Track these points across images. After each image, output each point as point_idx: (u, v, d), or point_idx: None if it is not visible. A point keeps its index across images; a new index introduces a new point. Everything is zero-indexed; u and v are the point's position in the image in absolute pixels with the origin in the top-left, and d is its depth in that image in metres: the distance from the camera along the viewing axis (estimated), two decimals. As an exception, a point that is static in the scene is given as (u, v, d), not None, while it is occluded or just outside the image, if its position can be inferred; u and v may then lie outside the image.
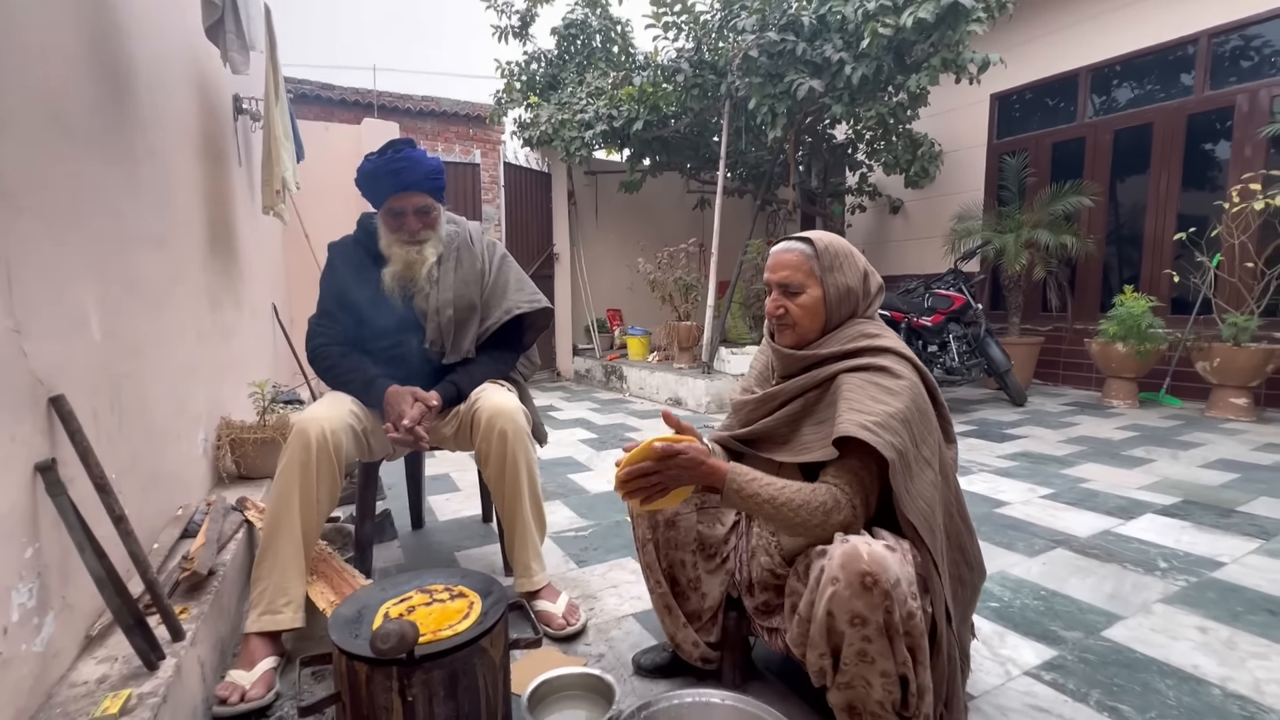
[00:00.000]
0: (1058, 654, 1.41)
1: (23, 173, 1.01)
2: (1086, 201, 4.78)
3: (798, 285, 1.14)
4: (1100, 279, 5.25)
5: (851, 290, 1.14)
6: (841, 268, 1.14)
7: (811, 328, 1.15)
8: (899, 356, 1.08)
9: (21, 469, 0.96)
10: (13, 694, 0.91)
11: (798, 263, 1.14)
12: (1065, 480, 2.74)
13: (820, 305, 1.14)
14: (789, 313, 1.15)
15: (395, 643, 0.82)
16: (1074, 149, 5.35)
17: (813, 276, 1.14)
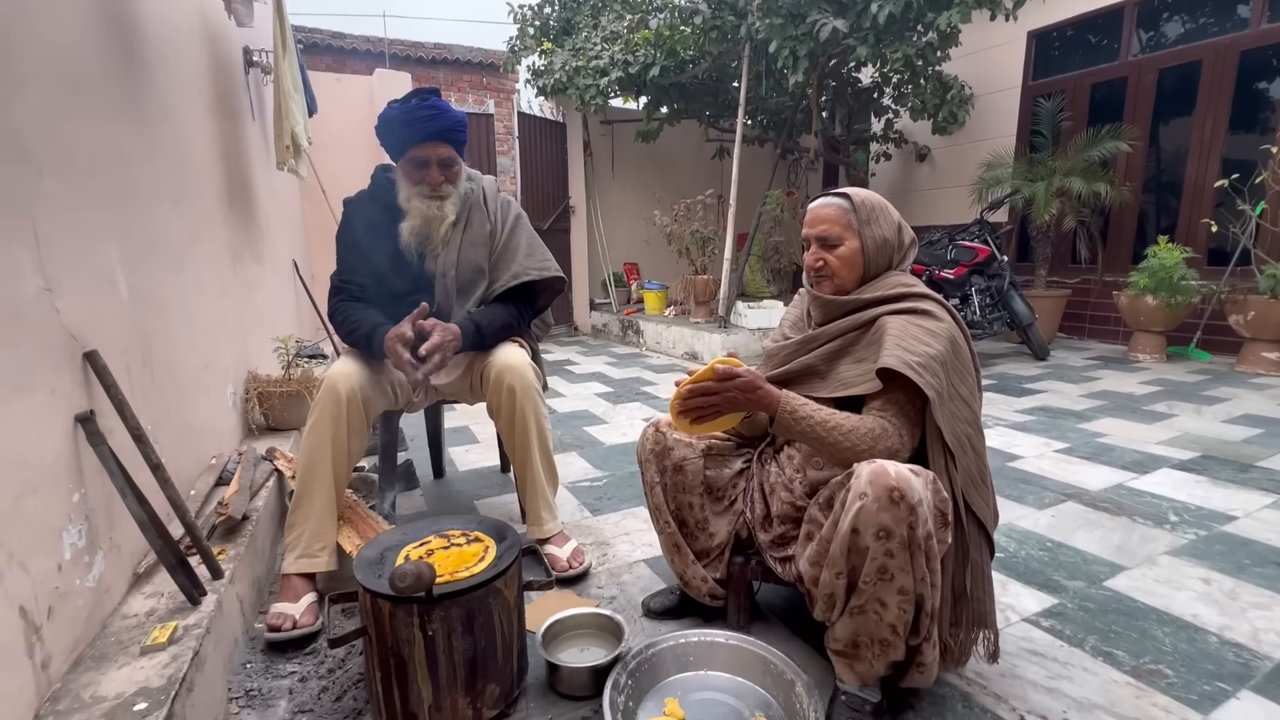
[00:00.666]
0: (1058, 602, 1.45)
1: (41, 133, 1.03)
2: (1124, 146, 4.56)
3: (835, 238, 1.17)
4: (1134, 229, 5.06)
5: (888, 241, 1.18)
6: (878, 220, 1.18)
7: (849, 278, 1.19)
8: (938, 303, 1.14)
9: (63, 420, 1.02)
10: (71, 623, 0.99)
11: (835, 216, 1.18)
12: (1082, 435, 2.72)
13: (858, 257, 1.17)
14: (827, 264, 1.19)
15: (412, 581, 0.88)
16: (1114, 90, 5.07)
17: (850, 229, 1.17)
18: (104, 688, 0.94)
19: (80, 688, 0.94)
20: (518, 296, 1.75)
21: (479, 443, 2.82)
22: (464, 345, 1.57)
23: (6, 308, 0.90)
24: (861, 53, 4.15)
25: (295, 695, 1.18)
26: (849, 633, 1.03)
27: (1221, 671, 1.20)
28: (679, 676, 1.17)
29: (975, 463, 1.10)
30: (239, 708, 1.15)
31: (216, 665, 1.13)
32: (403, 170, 1.64)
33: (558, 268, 1.80)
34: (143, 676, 0.97)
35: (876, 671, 1.04)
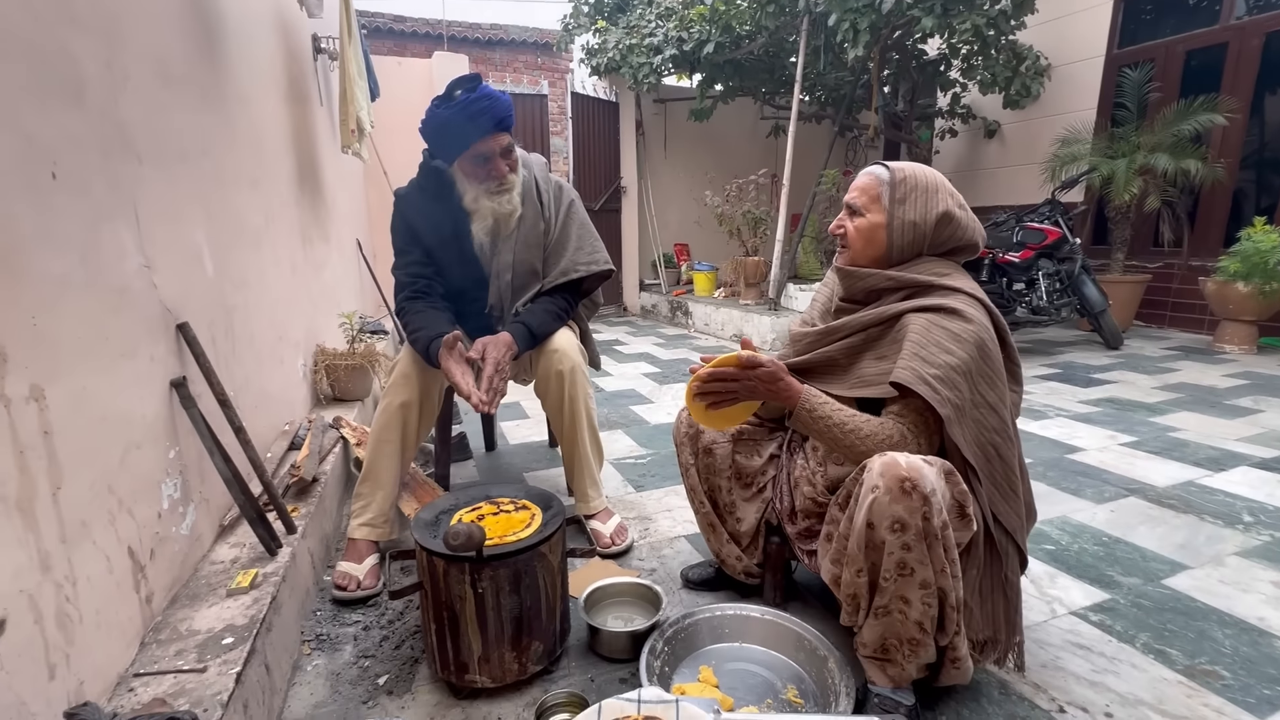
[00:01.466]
0: (1110, 597, 1.41)
1: (140, 124, 1.13)
2: (1220, 120, 4.20)
3: (861, 207, 1.13)
4: (1228, 210, 4.67)
5: (916, 226, 1.10)
6: (913, 202, 1.10)
7: (864, 253, 1.14)
8: (970, 297, 1.06)
9: (160, 384, 1.13)
10: (168, 565, 1.12)
11: (869, 186, 1.13)
12: (1152, 428, 2.58)
13: (880, 233, 1.12)
14: (847, 233, 1.15)
15: (464, 540, 0.95)
16: (1212, 58, 4.65)
17: (878, 202, 1.12)
18: (197, 623, 1.06)
19: (177, 621, 1.06)
20: (567, 286, 1.73)
21: (529, 418, 2.91)
22: (519, 351, 1.55)
23: (115, 282, 1.00)
24: (927, 24, 3.96)
25: (359, 642, 1.28)
26: (877, 636, 1.00)
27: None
28: (714, 647, 1.21)
29: (1003, 471, 1.05)
30: (310, 649, 1.26)
31: (291, 610, 1.25)
32: (464, 170, 1.57)
33: (606, 259, 1.77)
34: (229, 615, 1.08)
35: (909, 674, 1.01)
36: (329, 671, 1.20)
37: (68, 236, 0.89)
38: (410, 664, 1.21)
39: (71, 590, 0.83)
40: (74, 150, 0.92)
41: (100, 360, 0.95)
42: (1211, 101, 4.26)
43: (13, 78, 0.80)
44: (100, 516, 0.91)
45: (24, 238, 0.79)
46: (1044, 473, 2.14)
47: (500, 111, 1.52)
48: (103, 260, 0.97)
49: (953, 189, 1.14)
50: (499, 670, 1.10)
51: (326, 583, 1.48)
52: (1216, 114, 4.19)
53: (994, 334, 1.05)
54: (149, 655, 0.98)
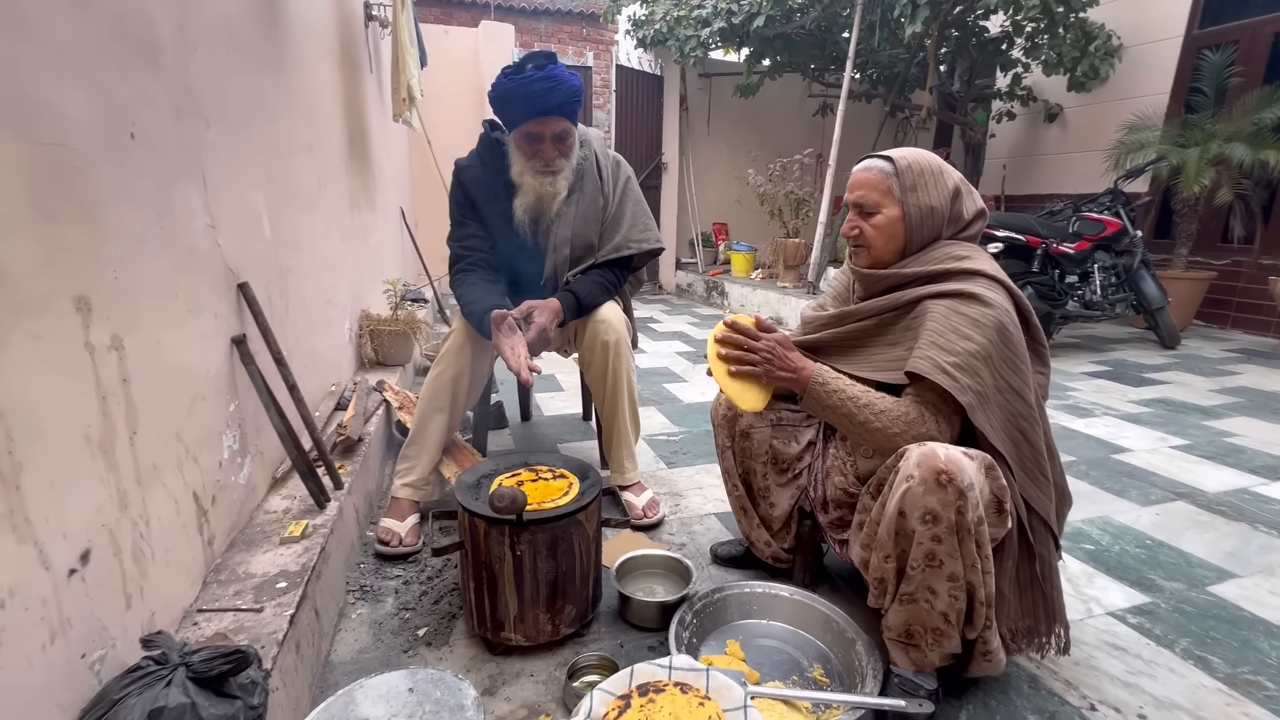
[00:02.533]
0: (1150, 600, 1.38)
1: (207, 88, 1.17)
2: (1306, 108, 3.92)
3: (873, 205, 1.10)
4: (1307, 205, 4.39)
5: (935, 210, 1.08)
6: (926, 186, 1.07)
7: (887, 249, 1.11)
8: (989, 280, 1.03)
9: (223, 340, 1.19)
10: (228, 511, 1.18)
11: (875, 181, 1.09)
12: (1206, 432, 2.48)
13: (898, 226, 1.09)
14: (863, 234, 1.11)
15: (508, 504, 0.98)
16: (1304, 40, 4.33)
17: (890, 196, 1.08)
18: (253, 567, 1.12)
19: (235, 564, 1.13)
20: (617, 261, 1.74)
21: (563, 391, 2.96)
22: (565, 318, 1.59)
23: (184, 241, 1.05)
24: (991, 1, 3.77)
25: (400, 595, 1.35)
26: (901, 621, 1.00)
27: (1334, 693, 1.11)
28: (742, 622, 1.23)
29: (1031, 456, 1.03)
30: (355, 599, 1.33)
31: (338, 560, 1.31)
32: (516, 143, 1.60)
33: (658, 237, 1.79)
34: (283, 561, 1.14)
35: (932, 661, 1.00)
36: (372, 620, 1.26)
37: (145, 195, 0.93)
38: (448, 619, 1.27)
39: (145, 528, 0.88)
40: (150, 111, 0.96)
41: (171, 315, 1.00)
42: (1299, 88, 3.98)
43: (96, 36, 0.83)
44: (170, 462, 0.97)
45: (107, 194, 0.83)
46: (1087, 472, 2.08)
47: (560, 97, 1.52)
48: (175, 219, 1.02)
49: (950, 165, 1.13)
50: (533, 630, 1.14)
51: (369, 538, 1.55)
52: (1303, 102, 3.92)
53: (1015, 316, 1.02)
54: (210, 594, 1.04)
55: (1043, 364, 1.09)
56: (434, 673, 0.87)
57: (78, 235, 0.77)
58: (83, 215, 0.78)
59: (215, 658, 0.72)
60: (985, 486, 0.93)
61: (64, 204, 0.75)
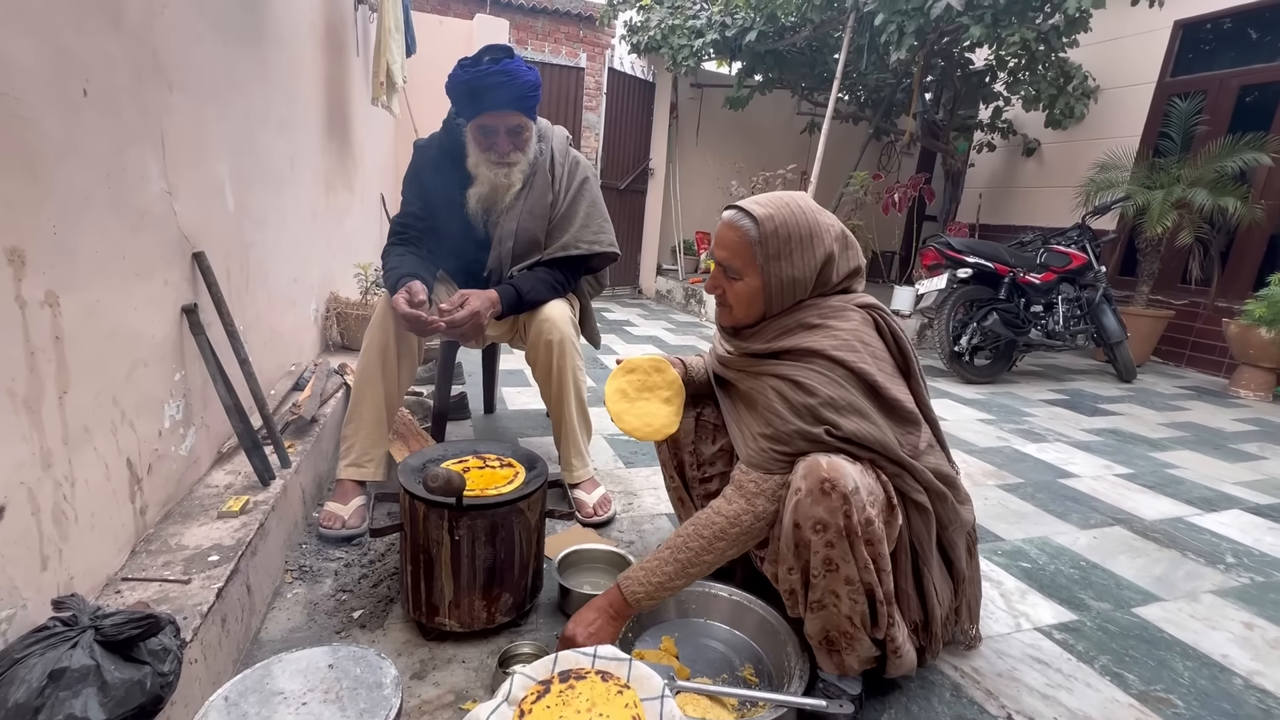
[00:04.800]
0: (1077, 618, 1.42)
1: (174, 52, 1.16)
2: (1265, 159, 4.09)
3: (735, 270, 1.08)
4: (1263, 253, 4.57)
5: (797, 281, 1.05)
6: (789, 255, 1.03)
7: (748, 314, 1.11)
8: (826, 360, 1.01)
9: (171, 308, 1.17)
10: (164, 482, 1.16)
11: (738, 245, 1.06)
12: (1150, 463, 2.57)
13: (758, 295, 1.07)
14: (725, 295, 1.11)
15: (442, 484, 0.98)
16: (1267, 94, 4.52)
17: (752, 264, 1.05)
18: (186, 539, 1.11)
19: (168, 536, 1.11)
20: (566, 260, 1.73)
21: (530, 386, 2.95)
22: (504, 311, 1.58)
23: (136, 204, 1.04)
24: (975, 32, 3.88)
25: (339, 577, 1.33)
26: (819, 628, 1.02)
27: (1238, 713, 1.16)
28: (678, 620, 1.24)
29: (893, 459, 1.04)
30: (292, 579, 1.31)
31: (278, 539, 1.30)
32: (471, 135, 1.61)
33: (611, 241, 1.77)
34: (218, 535, 1.12)
35: (851, 665, 1.02)
36: (307, 601, 1.25)
37: (94, 153, 0.92)
38: (385, 602, 1.26)
39: (69, 490, 0.87)
40: (107, 70, 0.95)
41: (115, 277, 0.98)
42: (1260, 140, 4.15)
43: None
44: (103, 425, 0.96)
45: (51, 148, 0.82)
46: (1033, 494, 2.14)
47: (517, 91, 1.53)
48: (126, 181, 1.00)
49: (830, 219, 1.08)
50: (468, 616, 1.14)
51: (314, 519, 1.53)
52: (1263, 153, 4.09)
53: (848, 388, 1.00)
54: (138, 563, 1.03)
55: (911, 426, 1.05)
56: (356, 650, 0.86)
57: (15, 187, 0.76)
58: (23, 167, 0.77)
59: (126, 622, 0.71)
60: (876, 488, 0.96)
61: (2, 154, 0.74)
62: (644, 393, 1.25)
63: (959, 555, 1.12)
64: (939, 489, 1.05)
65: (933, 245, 3.91)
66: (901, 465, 1.01)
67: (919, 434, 1.07)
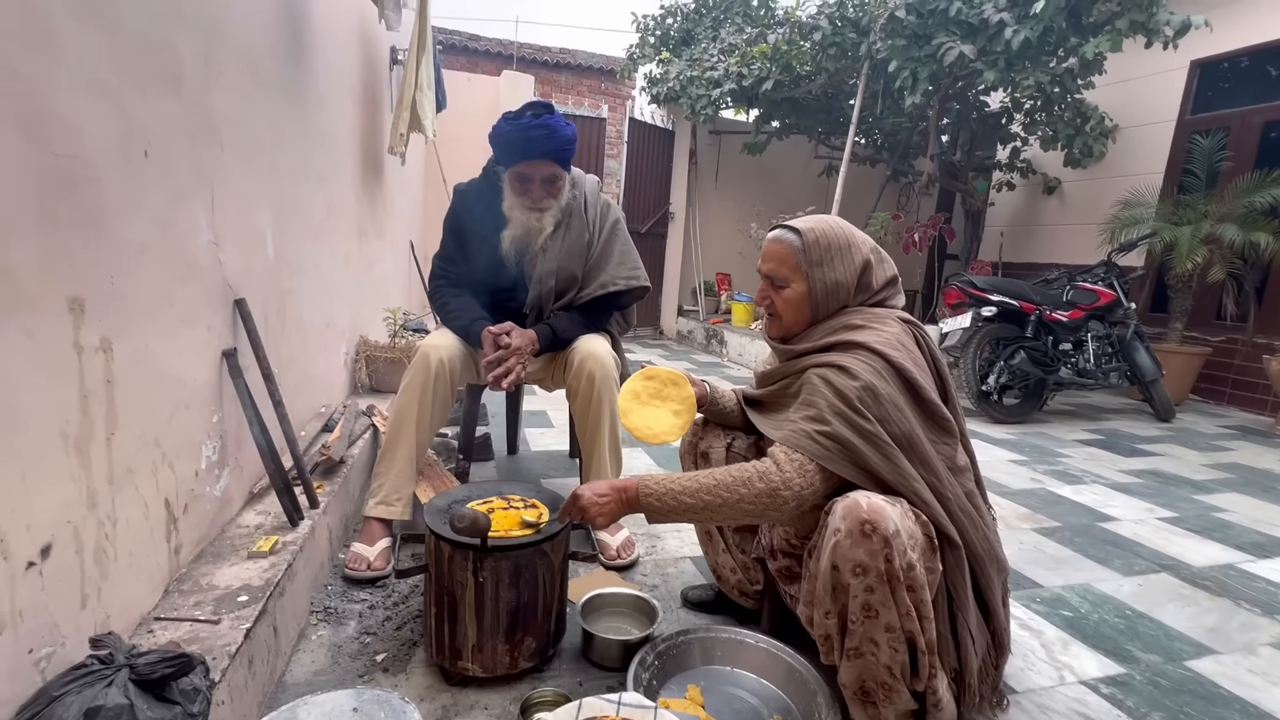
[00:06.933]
0: (1125, 671, 1.35)
1: (226, 114, 1.24)
2: (1296, 194, 4.03)
3: (782, 279, 1.15)
4: (1300, 288, 4.45)
5: (840, 285, 1.12)
6: (831, 262, 1.12)
7: (796, 320, 1.16)
8: (869, 352, 1.04)
9: (213, 352, 1.22)
10: (198, 522, 1.19)
11: (783, 255, 1.14)
12: (1195, 506, 2.46)
13: (804, 301, 1.14)
14: (774, 304, 1.17)
15: (468, 525, 0.99)
16: (1292, 130, 4.49)
17: (798, 271, 1.13)
18: (217, 579, 1.12)
19: (200, 575, 1.13)
20: (602, 300, 1.82)
21: (553, 427, 2.96)
22: (540, 349, 1.69)
23: (186, 255, 1.10)
24: (989, 77, 3.95)
25: (364, 619, 1.33)
26: (854, 677, 0.99)
27: (1308, 778, 1.08)
28: (705, 668, 1.21)
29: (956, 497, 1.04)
30: (318, 620, 1.31)
31: (304, 580, 1.31)
32: (509, 180, 1.72)
33: (644, 277, 1.87)
34: (247, 576, 1.14)
35: (887, 718, 0.99)
36: (331, 643, 1.25)
37: (151, 209, 0.98)
38: (409, 646, 1.25)
39: (111, 529, 0.90)
40: (166, 133, 1.02)
41: (164, 323, 1.03)
42: (1288, 175, 4.10)
43: (123, 63, 0.90)
44: (145, 466, 0.99)
45: (113, 205, 0.88)
46: (1071, 538, 2.06)
47: (553, 143, 1.64)
48: (178, 233, 1.07)
49: (862, 235, 1.16)
50: (491, 661, 1.12)
51: (341, 560, 1.54)
52: (1293, 188, 4.03)
53: (890, 381, 1.03)
54: (170, 602, 1.04)
55: (947, 435, 1.07)
56: (380, 694, 0.86)
57: (79, 241, 0.82)
58: (87, 223, 0.83)
59: (159, 661, 0.72)
60: (915, 530, 0.94)
61: (69, 211, 0.80)
62: (655, 400, 1.30)
63: (993, 597, 1.08)
64: (966, 508, 1.04)
65: (955, 284, 3.89)
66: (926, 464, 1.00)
67: (956, 447, 1.08)
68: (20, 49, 0.71)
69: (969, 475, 1.09)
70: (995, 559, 1.08)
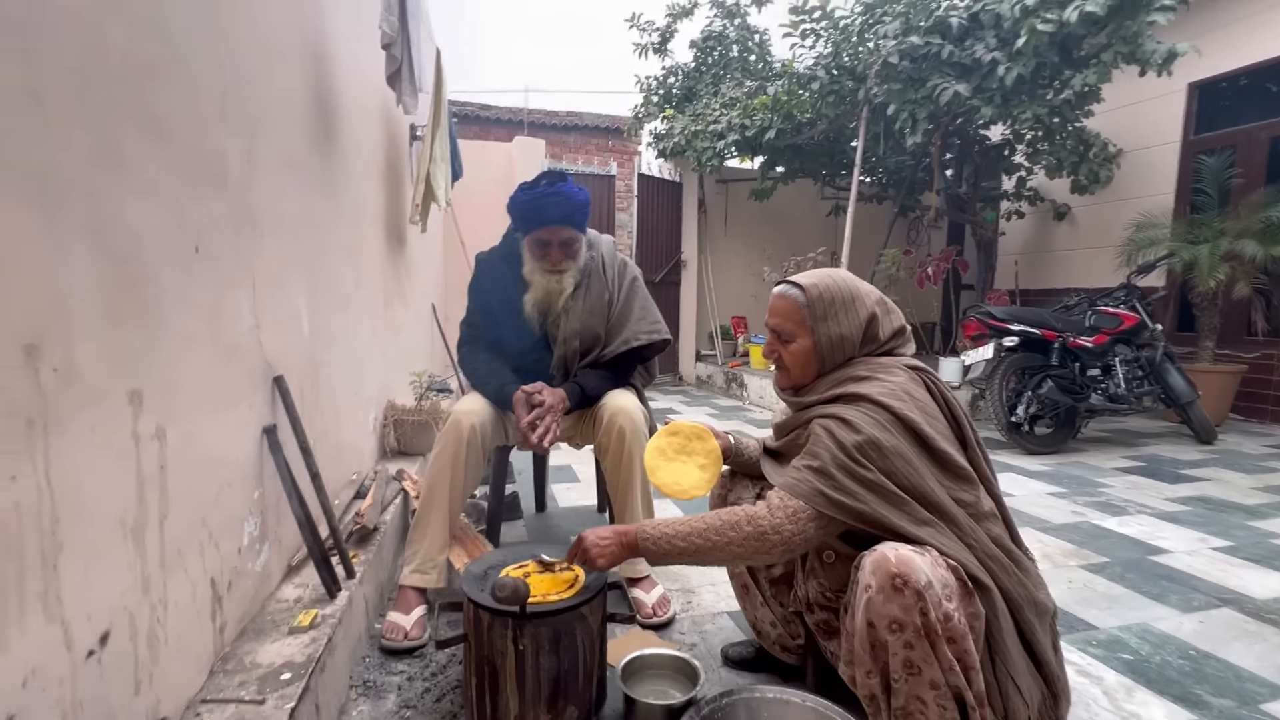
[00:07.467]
0: (1196, 718, 1.27)
1: (266, 205, 1.32)
2: (1314, 207, 4.00)
3: (788, 334, 1.17)
4: (1331, 299, 4.36)
5: (845, 339, 1.14)
6: (835, 316, 1.14)
7: (804, 373, 1.18)
8: (871, 404, 1.04)
9: (254, 430, 1.26)
10: (241, 598, 1.20)
11: (788, 310, 1.17)
12: (1251, 533, 2.36)
13: (810, 355, 1.16)
14: (782, 358, 1.20)
15: (509, 593, 0.99)
16: (1300, 144, 4.49)
17: (803, 326, 1.15)
18: (260, 656, 1.13)
19: (243, 654, 1.13)
20: (626, 355, 1.87)
21: (579, 482, 2.96)
22: (570, 406, 1.73)
23: (230, 340, 1.15)
24: (987, 113, 4.04)
25: (403, 692, 1.32)
26: None
27: None
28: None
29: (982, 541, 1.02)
30: (357, 695, 1.30)
31: (344, 653, 1.30)
32: (528, 246, 1.79)
33: (665, 330, 1.92)
34: (289, 652, 1.14)
35: None
36: (372, 718, 1.23)
37: (200, 300, 1.04)
38: (449, 718, 1.23)
39: (162, 613, 0.92)
40: (214, 228, 1.09)
41: (210, 406, 1.08)
42: (1305, 187, 4.08)
43: (179, 168, 0.98)
44: (193, 547, 1.02)
45: (168, 300, 0.94)
46: (1122, 574, 1.98)
47: (567, 209, 1.73)
48: (224, 321, 1.12)
49: (868, 286, 1.18)
50: (533, 732, 1.10)
51: (377, 630, 1.54)
52: (1310, 200, 4.00)
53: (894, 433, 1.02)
54: (216, 683, 1.05)
55: (964, 481, 1.05)
56: (427, 773, 0.85)
57: (139, 336, 0.87)
58: (145, 319, 0.89)
59: (213, 747, 0.73)
60: (949, 577, 0.92)
61: (130, 309, 0.85)
62: (681, 455, 1.31)
63: (1038, 642, 1.03)
64: (994, 553, 1.02)
65: (974, 315, 3.88)
66: (942, 514, 0.99)
67: (977, 494, 1.06)
68: (96, 170, 0.78)
69: (996, 521, 1.07)
70: (1034, 603, 1.05)
